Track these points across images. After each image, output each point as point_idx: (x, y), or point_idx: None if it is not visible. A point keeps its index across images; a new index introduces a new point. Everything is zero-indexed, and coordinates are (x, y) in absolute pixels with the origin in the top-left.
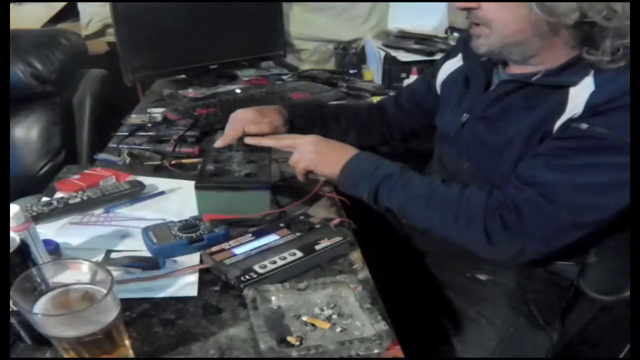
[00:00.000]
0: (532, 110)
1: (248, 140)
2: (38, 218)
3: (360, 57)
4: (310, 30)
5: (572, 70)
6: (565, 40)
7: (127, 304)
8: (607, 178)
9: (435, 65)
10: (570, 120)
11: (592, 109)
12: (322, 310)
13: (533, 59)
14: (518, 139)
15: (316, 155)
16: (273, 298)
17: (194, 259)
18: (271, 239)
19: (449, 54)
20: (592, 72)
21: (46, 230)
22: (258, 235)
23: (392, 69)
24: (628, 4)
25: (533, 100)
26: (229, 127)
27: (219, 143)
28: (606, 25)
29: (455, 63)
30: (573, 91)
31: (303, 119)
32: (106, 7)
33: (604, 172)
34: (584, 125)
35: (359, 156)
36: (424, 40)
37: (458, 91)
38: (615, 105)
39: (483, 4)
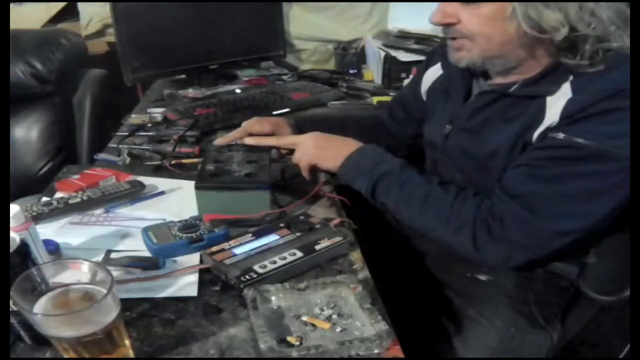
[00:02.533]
0: (512, 122)
1: (248, 141)
2: (38, 218)
3: (360, 57)
4: (310, 30)
5: (550, 78)
6: (546, 49)
7: (127, 304)
8: (587, 186)
9: (418, 73)
10: (548, 129)
11: (567, 117)
12: (322, 310)
13: (514, 70)
14: (501, 151)
15: (318, 150)
16: (273, 298)
17: (194, 259)
18: (271, 239)
19: (430, 61)
20: (570, 79)
21: (46, 230)
22: (258, 235)
23: (392, 69)
24: (613, 10)
25: (512, 112)
26: (241, 127)
27: (219, 141)
28: (591, 34)
29: (437, 70)
30: (550, 99)
31: (310, 127)
32: (106, 7)
33: (584, 180)
34: (561, 135)
35: (360, 150)
36: (424, 40)
37: (440, 101)
38: (591, 112)
39: (463, 18)
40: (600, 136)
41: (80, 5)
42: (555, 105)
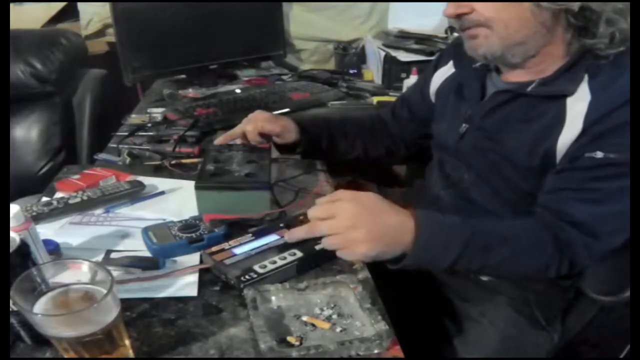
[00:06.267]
0: (531, 123)
1: (287, 237)
2: (38, 218)
3: (360, 57)
4: (310, 30)
5: (567, 77)
6: (563, 33)
7: (127, 304)
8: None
9: (425, 74)
10: (580, 145)
11: (592, 125)
12: (322, 310)
13: (532, 60)
14: (520, 152)
15: (372, 245)
16: (273, 298)
17: (194, 259)
18: (271, 239)
19: (439, 62)
20: (586, 78)
21: (46, 230)
22: (258, 235)
23: (392, 69)
24: None
25: (531, 113)
26: (241, 124)
27: (219, 140)
28: (601, 9)
29: (447, 70)
30: (570, 101)
31: (312, 130)
32: (106, 7)
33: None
34: (599, 154)
35: (423, 231)
36: (424, 40)
37: (452, 100)
38: (616, 123)
39: (477, 6)
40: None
41: (80, 5)
42: (575, 108)
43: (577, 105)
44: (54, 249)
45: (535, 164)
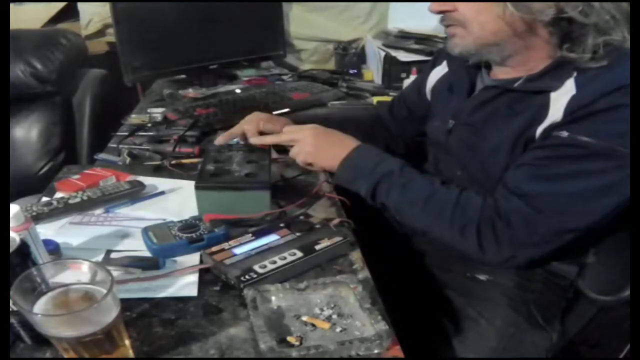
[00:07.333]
0: (515, 117)
1: (252, 141)
2: (38, 218)
3: (360, 57)
4: (310, 30)
5: (555, 74)
6: (545, 40)
7: (127, 304)
8: (592, 185)
9: (423, 72)
10: (551, 127)
11: (571, 114)
12: (322, 310)
13: (512, 60)
14: (503, 146)
15: (315, 149)
16: (273, 298)
17: (194, 259)
18: (271, 239)
19: (435, 61)
20: (574, 75)
21: (46, 230)
22: (258, 235)
23: (392, 69)
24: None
25: (516, 107)
26: (239, 124)
27: (219, 140)
28: (584, 21)
29: (442, 69)
30: (554, 95)
31: None
32: (106, 7)
33: (589, 179)
34: (565, 134)
35: (359, 150)
36: (424, 40)
37: (445, 98)
38: (594, 109)
39: (459, 6)
40: (604, 134)
41: (80, 5)
42: (559, 101)
43: (561, 99)
44: (54, 249)
45: (516, 158)
